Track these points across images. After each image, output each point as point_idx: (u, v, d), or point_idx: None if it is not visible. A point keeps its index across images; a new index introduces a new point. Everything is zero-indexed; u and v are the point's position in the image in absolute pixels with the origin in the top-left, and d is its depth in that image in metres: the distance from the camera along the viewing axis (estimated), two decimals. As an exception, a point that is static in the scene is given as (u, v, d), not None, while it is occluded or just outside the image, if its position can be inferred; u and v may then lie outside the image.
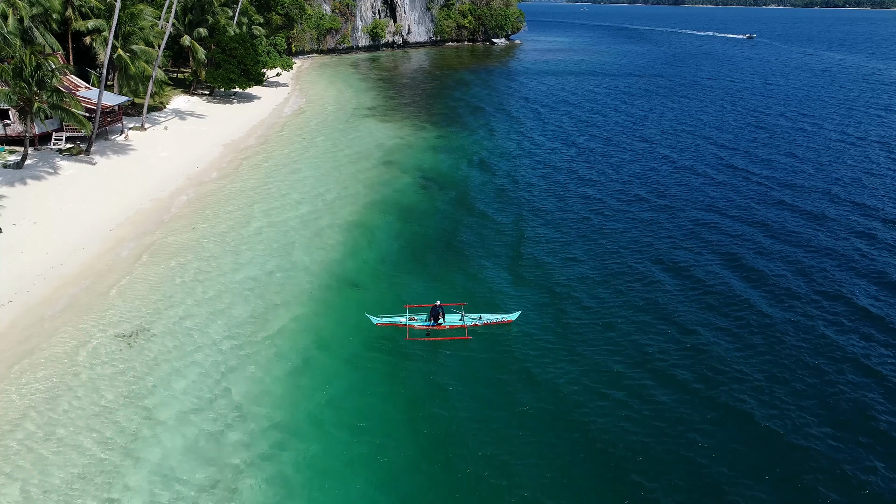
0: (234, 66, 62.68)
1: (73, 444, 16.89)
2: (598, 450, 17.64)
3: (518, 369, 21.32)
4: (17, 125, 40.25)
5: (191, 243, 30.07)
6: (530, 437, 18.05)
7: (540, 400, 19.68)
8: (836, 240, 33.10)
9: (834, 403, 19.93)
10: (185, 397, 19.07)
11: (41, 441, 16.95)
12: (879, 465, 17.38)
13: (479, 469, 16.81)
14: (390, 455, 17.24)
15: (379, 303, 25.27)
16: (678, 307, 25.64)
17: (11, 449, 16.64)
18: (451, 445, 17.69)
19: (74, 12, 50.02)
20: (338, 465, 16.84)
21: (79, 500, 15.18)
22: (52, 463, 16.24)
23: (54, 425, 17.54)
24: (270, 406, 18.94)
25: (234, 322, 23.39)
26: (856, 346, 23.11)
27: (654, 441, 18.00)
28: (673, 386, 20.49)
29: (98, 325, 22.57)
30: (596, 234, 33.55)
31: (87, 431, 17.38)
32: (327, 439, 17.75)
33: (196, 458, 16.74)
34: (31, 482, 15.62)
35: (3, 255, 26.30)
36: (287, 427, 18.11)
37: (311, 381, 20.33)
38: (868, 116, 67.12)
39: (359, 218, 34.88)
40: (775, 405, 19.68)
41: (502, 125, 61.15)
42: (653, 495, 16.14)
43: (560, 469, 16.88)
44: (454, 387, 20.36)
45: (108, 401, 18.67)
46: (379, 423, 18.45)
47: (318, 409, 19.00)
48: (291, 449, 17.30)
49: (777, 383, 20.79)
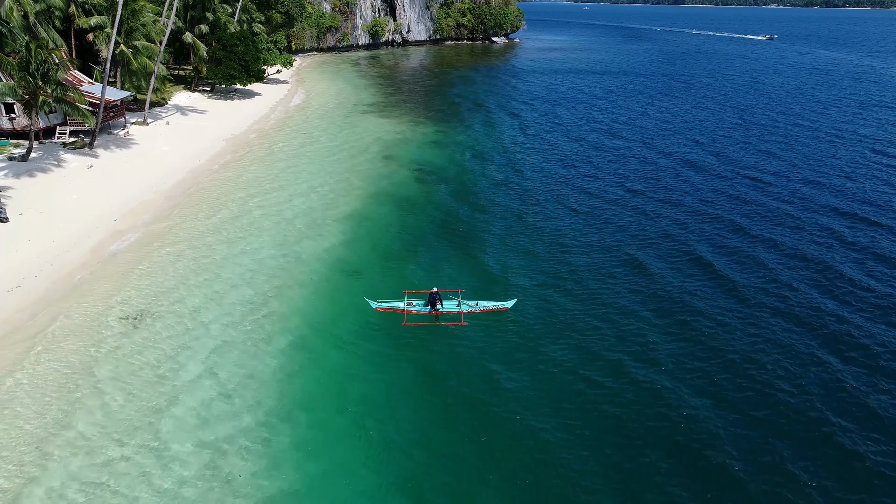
0: (235, 62, 63.34)
1: (84, 419, 17.57)
2: (584, 434, 18.17)
3: (512, 355, 21.84)
4: (23, 119, 40.91)
5: (193, 233, 30.71)
6: (519, 419, 18.58)
7: (531, 385, 20.19)
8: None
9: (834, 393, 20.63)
10: (187, 375, 19.73)
11: (55, 422, 17.61)
12: (872, 449, 18.05)
13: (466, 451, 17.32)
14: (384, 433, 17.87)
15: (378, 288, 25.92)
16: (670, 296, 26.27)
17: (32, 435, 17.30)
18: (443, 425, 18.34)
19: (77, 9, 50.70)
20: (328, 440, 17.47)
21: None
22: (67, 440, 16.91)
23: (68, 410, 18.18)
24: (269, 383, 19.60)
25: (235, 305, 24.04)
26: (839, 336, 23.81)
27: (636, 422, 18.68)
28: (655, 367, 21.14)
29: (103, 308, 23.24)
30: (590, 226, 34.19)
31: (97, 410, 18.06)
32: (321, 414, 18.43)
33: (193, 432, 17.40)
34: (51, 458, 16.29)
35: (11, 243, 26.99)
36: (282, 403, 18.77)
37: (309, 360, 20.97)
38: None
39: (358, 209, 35.53)
40: (769, 388, 20.37)
41: (499, 121, 61.77)
42: (636, 472, 16.80)
43: (548, 451, 17.40)
44: (448, 370, 20.93)
45: (118, 380, 19.34)
46: (375, 403, 19.07)
47: (314, 386, 19.66)
48: (290, 421, 17.98)
49: (775, 367, 21.49)
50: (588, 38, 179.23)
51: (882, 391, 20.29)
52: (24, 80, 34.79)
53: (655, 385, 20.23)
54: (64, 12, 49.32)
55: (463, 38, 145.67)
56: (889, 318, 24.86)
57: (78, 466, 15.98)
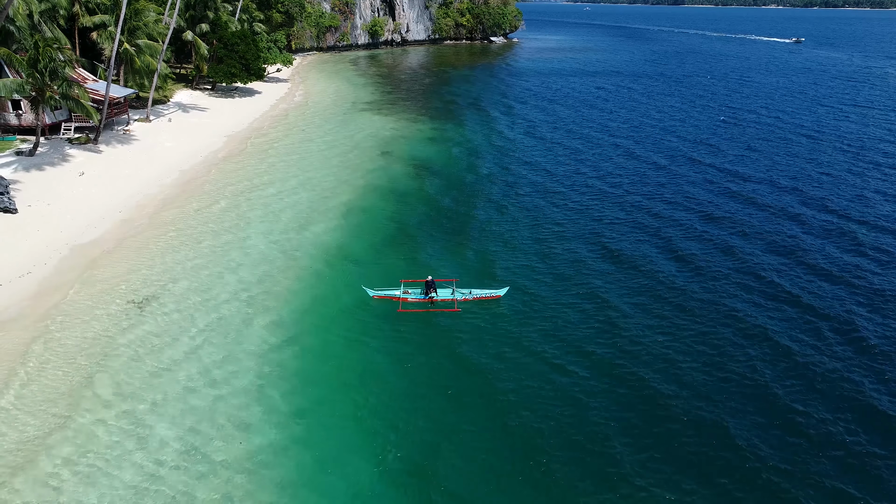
0: (235, 61, 64.39)
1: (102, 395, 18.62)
2: (565, 418, 19.14)
3: (502, 341, 22.75)
4: (29, 115, 41.93)
5: (196, 224, 31.73)
6: (505, 406, 19.36)
7: (519, 369, 21.08)
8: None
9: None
10: (191, 356, 20.77)
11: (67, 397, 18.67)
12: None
13: (455, 426, 18.36)
14: (375, 408, 18.96)
15: (375, 277, 26.94)
16: (658, 284, 27.31)
17: (52, 417, 18.34)
18: (435, 401, 19.42)
19: (81, 8, 51.73)
20: (329, 417, 18.54)
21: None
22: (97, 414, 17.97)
23: (79, 394, 19.23)
24: (272, 361, 20.65)
25: (238, 291, 25.07)
26: (814, 338, 24.84)
27: (623, 413, 19.72)
28: (635, 359, 22.05)
29: (112, 293, 24.30)
30: (580, 218, 35.20)
31: (107, 386, 19.13)
32: (320, 393, 19.51)
33: (195, 410, 18.45)
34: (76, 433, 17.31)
35: (21, 232, 28.05)
36: (286, 378, 19.85)
37: (309, 344, 22.01)
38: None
39: (356, 201, 36.57)
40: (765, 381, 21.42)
41: (495, 119, 62.79)
42: (625, 464, 17.86)
43: (534, 432, 18.27)
44: (440, 354, 21.86)
45: (129, 359, 20.38)
46: (369, 383, 20.11)
47: (312, 368, 20.71)
48: (297, 395, 19.07)
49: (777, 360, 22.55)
50: (587, 40, 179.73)
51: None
52: (32, 77, 35.79)
53: (636, 372, 21.23)
54: (68, 11, 50.35)
55: (461, 38, 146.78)
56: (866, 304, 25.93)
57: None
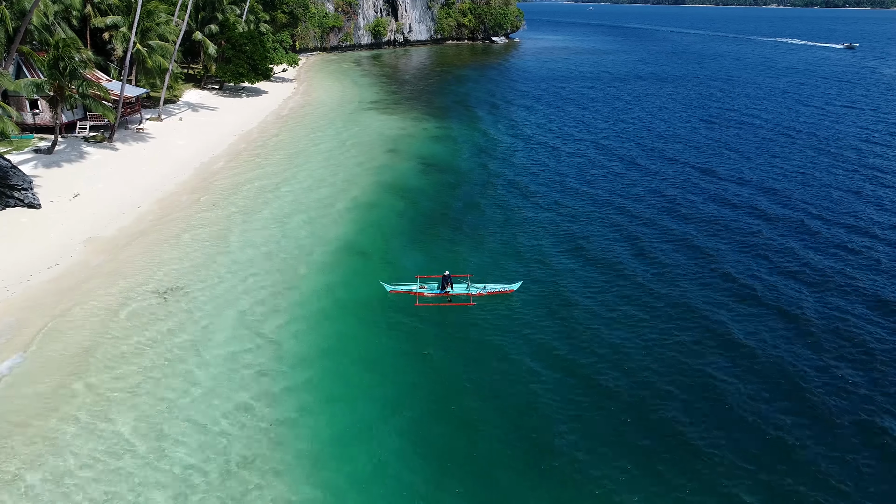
0: (243, 61, 65.24)
1: (129, 380, 19.48)
2: (582, 410, 19.88)
3: (516, 334, 23.52)
4: (45, 114, 42.74)
5: (213, 219, 32.61)
6: (520, 392, 20.19)
7: (533, 359, 21.84)
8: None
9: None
10: (216, 345, 21.67)
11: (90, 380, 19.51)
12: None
13: (470, 416, 19.00)
14: (395, 391, 19.91)
15: (390, 271, 27.76)
16: (672, 283, 28.02)
17: (75, 392, 19.17)
18: (450, 389, 20.31)
19: (93, 9, 52.55)
20: (349, 396, 19.50)
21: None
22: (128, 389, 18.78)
23: (104, 376, 20.09)
24: (298, 349, 21.50)
25: (259, 286, 25.93)
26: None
27: (637, 399, 20.56)
28: (650, 353, 22.87)
29: (136, 284, 25.24)
30: (590, 214, 36.03)
31: (138, 370, 19.98)
32: (341, 377, 20.45)
33: (225, 391, 19.33)
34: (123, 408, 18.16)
35: (46, 227, 28.96)
36: (304, 366, 20.76)
37: (330, 335, 22.88)
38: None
39: (367, 198, 37.42)
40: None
41: (499, 118, 63.63)
42: (653, 459, 18.68)
43: (547, 422, 18.86)
44: (456, 347, 22.63)
45: (155, 350, 21.25)
46: (388, 371, 20.96)
47: (335, 356, 21.57)
48: (316, 380, 20.01)
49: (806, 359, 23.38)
50: (591, 41, 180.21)
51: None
52: (53, 77, 36.62)
53: (650, 363, 22.08)
54: (80, 12, 51.19)
55: (463, 38, 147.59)
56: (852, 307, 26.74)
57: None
